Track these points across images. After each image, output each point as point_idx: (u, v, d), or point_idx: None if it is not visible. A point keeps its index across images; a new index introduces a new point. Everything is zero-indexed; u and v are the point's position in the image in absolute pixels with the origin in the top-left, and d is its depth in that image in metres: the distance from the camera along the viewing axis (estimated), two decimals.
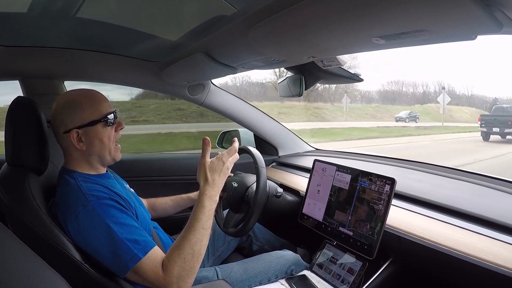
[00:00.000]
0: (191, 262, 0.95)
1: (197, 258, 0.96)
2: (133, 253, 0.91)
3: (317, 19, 0.74)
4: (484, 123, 11.92)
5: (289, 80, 1.47)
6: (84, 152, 1.04)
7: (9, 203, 0.96)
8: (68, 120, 1.02)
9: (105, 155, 1.07)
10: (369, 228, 1.11)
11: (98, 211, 0.93)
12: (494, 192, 1.16)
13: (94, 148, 1.05)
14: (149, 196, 1.47)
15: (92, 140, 1.04)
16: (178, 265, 0.93)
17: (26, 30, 1.28)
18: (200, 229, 0.98)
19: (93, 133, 1.03)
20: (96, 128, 1.04)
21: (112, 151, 1.08)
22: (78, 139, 1.03)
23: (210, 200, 1.03)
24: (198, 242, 0.97)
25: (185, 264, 0.94)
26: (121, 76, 1.70)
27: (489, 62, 52.84)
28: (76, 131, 1.02)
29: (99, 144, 1.05)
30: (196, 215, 1.00)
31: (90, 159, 1.06)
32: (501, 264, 0.80)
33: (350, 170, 1.25)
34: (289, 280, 1.21)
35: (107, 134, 1.06)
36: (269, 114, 2.02)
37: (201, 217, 1.00)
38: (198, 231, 0.98)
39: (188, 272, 0.94)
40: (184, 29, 1.24)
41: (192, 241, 0.97)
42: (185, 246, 0.96)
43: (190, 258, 0.95)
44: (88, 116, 1.03)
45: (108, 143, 1.06)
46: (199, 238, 0.98)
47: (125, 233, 0.93)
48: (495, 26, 0.59)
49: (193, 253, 0.95)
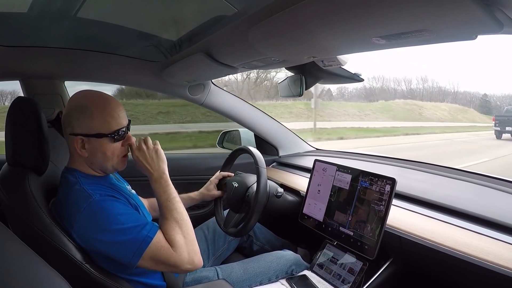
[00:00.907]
0: (183, 228, 0.99)
1: (185, 223, 1.01)
2: (144, 235, 0.93)
3: (317, 19, 0.74)
4: (498, 123, 13.51)
5: (290, 80, 1.47)
6: (86, 159, 1.03)
7: (9, 203, 0.96)
8: (76, 124, 1.00)
9: (107, 167, 1.05)
10: (369, 228, 1.11)
11: (103, 205, 0.94)
12: (495, 192, 1.16)
13: (96, 159, 1.03)
14: (149, 196, 1.47)
15: (95, 151, 1.01)
16: (177, 232, 0.97)
17: (27, 30, 1.28)
18: (166, 202, 1.03)
19: (98, 145, 1.01)
20: (102, 141, 1.00)
21: (115, 164, 1.05)
22: (82, 146, 1.01)
23: (160, 175, 1.05)
24: (174, 211, 1.01)
25: (182, 230, 0.98)
26: (122, 76, 1.70)
27: (477, 58, 52.86)
28: (81, 138, 1.00)
29: (102, 156, 1.02)
30: (158, 197, 1.04)
31: (92, 166, 1.05)
32: (502, 264, 0.80)
33: (351, 170, 1.25)
34: (290, 280, 1.21)
35: (111, 149, 1.02)
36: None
37: (160, 193, 1.04)
38: (172, 202, 1.03)
39: (188, 240, 0.98)
40: (184, 29, 1.24)
41: (167, 215, 1.01)
42: (168, 219, 1.00)
43: (181, 226, 0.99)
44: (96, 127, 0.99)
45: (112, 157, 1.03)
46: (171, 207, 1.02)
47: (132, 220, 0.95)
48: (495, 26, 0.58)
49: (177, 220, 1.00)
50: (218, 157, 1.90)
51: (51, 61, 1.49)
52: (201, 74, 1.56)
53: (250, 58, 1.16)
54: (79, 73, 1.62)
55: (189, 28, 1.21)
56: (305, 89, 1.41)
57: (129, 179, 1.27)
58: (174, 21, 1.23)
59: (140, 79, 1.71)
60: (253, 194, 1.33)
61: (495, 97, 33.44)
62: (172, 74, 1.60)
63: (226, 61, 1.25)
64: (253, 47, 1.02)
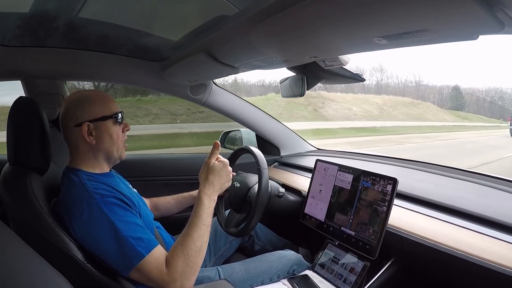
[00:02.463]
0: (193, 258, 0.96)
1: (199, 254, 0.98)
2: (137, 251, 0.92)
3: (319, 19, 0.74)
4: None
5: (291, 80, 1.47)
6: (93, 146, 1.06)
7: (11, 202, 0.96)
8: (79, 113, 1.05)
9: (113, 151, 1.09)
10: (371, 228, 1.11)
11: (103, 209, 0.94)
12: (497, 192, 1.16)
13: (104, 143, 1.07)
14: (151, 196, 1.48)
15: (103, 134, 1.06)
16: (181, 260, 0.95)
17: (28, 30, 1.28)
18: (201, 225, 1.01)
19: (104, 128, 1.07)
20: (107, 123, 1.07)
21: (120, 148, 1.11)
22: (89, 133, 1.05)
23: (209, 198, 1.06)
24: (199, 238, 0.99)
25: (188, 260, 0.95)
26: (123, 76, 1.70)
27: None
28: (88, 124, 1.04)
29: (109, 139, 1.08)
30: (197, 212, 1.03)
31: (97, 155, 1.08)
32: (504, 264, 0.80)
33: (352, 170, 1.25)
34: (291, 280, 1.21)
35: (116, 131, 1.09)
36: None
37: (201, 213, 1.03)
38: (199, 227, 1.01)
39: (191, 269, 0.95)
40: (186, 29, 1.24)
41: (194, 237, 0.99)
42: (187, 242, 0.98)
43: (193, 254, 0.96)
44: (99, 111, 1.06)
45: (117, 140, 1.09)
46: (201, 234, 1.00)
47: (129, 230, 0.94)
48: (497, 26, 0.58)
49: (195, 249, 0.97)
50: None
51: (52, 61, 1.49)
52: (203, 74, 1.56)
53: (252, 58, 1.16)
54: (81, 73, 1.62)
55: (191, 28, 1.21)
56: (306, 89, 1.41)
57: (129, 179, 1.27)
58: (176, 21, 1.23)
59: (141, 79, 1.72)
60: (255, 194, 1.33)
61: (464, 89, 31.53)
62: (174, 74, 1.60)
63: (227, 61, 1.25)
64: (254, 47, 1.02)
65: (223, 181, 1.12)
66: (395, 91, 29.71)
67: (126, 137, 1.15)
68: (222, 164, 1.12)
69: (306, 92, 1.43)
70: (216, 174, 1.10)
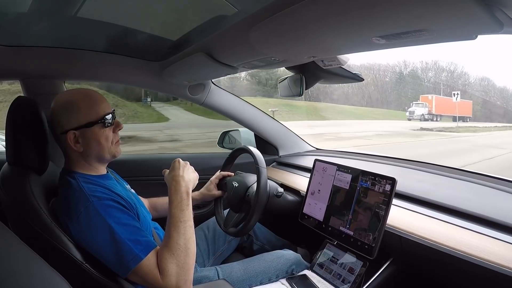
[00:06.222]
0: (182, 257, 0.94)
1: (187, 252, 0.96)
2: (135, 253, 0.91)
3: (318, 19, 0.74)
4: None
5: (290, 80, 1.46)
6: (82, 153, 1.04)
7: (9, 202, 0.96)
8: (64, 121, 1.01)
9: (103, 154, 1.06)
10: (369, 228, 1.11)
11: (100, 212, 0.93)
12: (496, 192, 1.16)
13: (92, 149, 1.04)
14: (149, 196, 1.47)
15: (89, 141, 1.03)
16: (170, 262, 0.93)
17: (27, 29, 1.28)
18: (178, 223, 1.00)
19: (90, 134, 1.02)
20: (93, 129, 1.02)
21: (112, 149, 1.07)
22: (75, 141, 1.02)
23: (176, 194, 1.05)
24: (181, 236, 0.97)
25: (177, 260, 0.94)
26: (122, 76, 1.70)
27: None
28: (73, 133, 1.01)
29: (97, 145, 1.04)
30: (170, 211, 1.02)
31: (88, 160, 1.05)
32: (503, 264, 0.80)
33: (351, 169, 1.25)
34: (290, 280, 1.21)
35: (105, 136, 1.04)
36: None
37: (174, 211, 1.02)
38: (177, 226, 0.99)
39: (183, 269, 0.94)
40: (185, 29, 1.24)
41: (175, 236, 0.97)
42: (170, 243, 0.96)
43: (180, 254, 0.95)
44: (85, 117, 1.01)
45: (106, 144, 1.05)
46: (181, 232, 0.98)
47: (126, 233, 0.93)
48: (495, 26, 0.59)
49: (180, 248, 0.95)
50: (218, 157, 1.89)
51: (51, 61, 1.49)
52: (202, 74, 1.56)
53: (251, 58, 1.16)
54: (80, 73, 1.62)
55: (190, 28, 1.21)
56: (305, 88, 1.41)
57: (128, 179, 1.27)
58: (175, 21, 1.23)
59: (140, 79, 1.72)
60: (253, 194, 1.33)
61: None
62: (173, 74, 1.60)
63: (226, 61, 1.25)
64: (253, 47, 1.02)
65: (188, 174, 1.12)
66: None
67: (118, 136, 1.11)
68: (183, 162, 1.15)
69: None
70: (178, 170, 1.11)
